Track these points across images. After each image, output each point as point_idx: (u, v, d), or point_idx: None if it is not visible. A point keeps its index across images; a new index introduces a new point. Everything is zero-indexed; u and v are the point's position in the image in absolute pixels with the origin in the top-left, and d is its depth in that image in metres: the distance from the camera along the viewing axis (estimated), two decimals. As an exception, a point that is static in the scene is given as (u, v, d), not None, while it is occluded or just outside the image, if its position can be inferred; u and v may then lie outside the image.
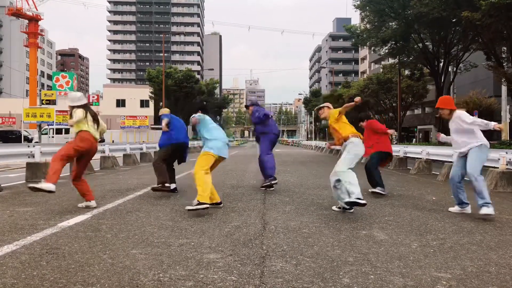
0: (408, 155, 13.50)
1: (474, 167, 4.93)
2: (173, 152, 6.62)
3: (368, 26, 24.16)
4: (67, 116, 25.50)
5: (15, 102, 50.06)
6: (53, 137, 28.44)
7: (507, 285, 2.64)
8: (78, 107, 5.33)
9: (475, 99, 27.86)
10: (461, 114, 5.11)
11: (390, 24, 22.82)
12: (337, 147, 5.91)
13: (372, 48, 26.46)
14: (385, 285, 2.59)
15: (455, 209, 5.29)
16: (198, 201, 4.82)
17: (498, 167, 7.91)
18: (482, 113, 26.02)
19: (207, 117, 5.46)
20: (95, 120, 5.46)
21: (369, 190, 6.87)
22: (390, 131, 7.13)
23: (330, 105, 5.78)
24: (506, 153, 7.97)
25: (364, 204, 4.81)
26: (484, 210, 4.78)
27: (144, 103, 59.61)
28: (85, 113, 5.31)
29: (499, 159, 7.91)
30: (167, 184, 6.28)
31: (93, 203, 5.32)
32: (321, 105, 5.79)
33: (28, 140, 29.25)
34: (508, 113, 24.38)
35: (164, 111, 7.00)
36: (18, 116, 35.14)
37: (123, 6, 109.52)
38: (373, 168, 6.86)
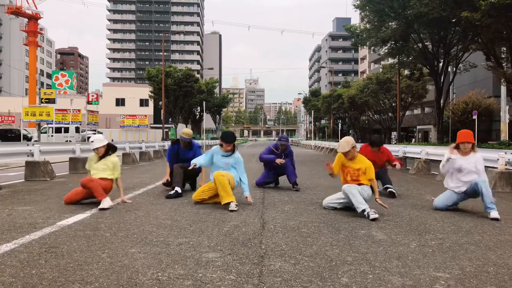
0: (407, 155, 13.51)
1: (482, 174, 5.16)
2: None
3: (367, 26, 24.13)
4: (67, 115, 25.52)
5: (15, 101, 50.07)
6: (52, 136, 28.41)
7: (505, 285, 2.64)
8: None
9: (474, 99, 27.87)
10: (480, 156, 5.22)
11: (390, 24, 22.80)
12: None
13: (372, 48, 26.46)
14: (383, 285, 2.59)
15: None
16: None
17: (497, 167, 7.92)
18: (481, 113, 26.05)
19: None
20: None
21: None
22: (398, 167, 6.94)
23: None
24: (505, 153, 7.98)
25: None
26: (495, 213, 4.91)
27: (143, 102, 59.64)
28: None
29: (498, 159, 7.92)
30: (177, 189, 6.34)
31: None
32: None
33: (27, 139, 29.24)
34: (507, 114, 24.39)
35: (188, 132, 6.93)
36: (17, 115, 35.13)
37: (123, 5, 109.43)
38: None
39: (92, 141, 5.66)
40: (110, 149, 5.76)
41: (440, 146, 13.30)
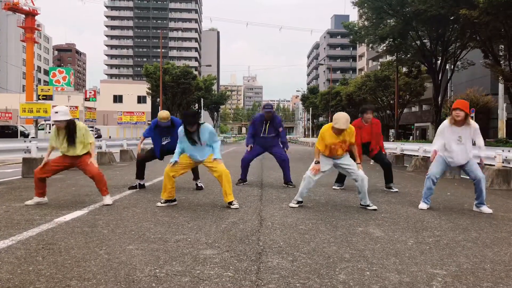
0: (405, 152, 13.54)
1: (479, 171, 5.20)
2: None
3: (366, 23, 24.14)
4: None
5: (12, 97, 49.84)
6: (49, 132, 28.33)
7: (501, 282, 2.65)
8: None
9: (472, 97, 27.95)
10: (476, 125, 5.19)
11: (388, 21, 22.80)
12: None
13: (370, 45, 26.46)
14: (381, 281, 2.60)
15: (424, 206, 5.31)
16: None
17: (494, 165, 7.95)
18: (479, 111, 26.13)
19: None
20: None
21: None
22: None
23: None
24: (503, 151, 8.01)
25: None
26: (487, 209, 5.09)
27: (141, 99, 59.49)
28: None
29: (495, 157, 7.94)
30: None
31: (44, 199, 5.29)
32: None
33: (25, 135, 29.15)
34: (505, 111, 24.46)
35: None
36: (14, 111, 35.00)
37: (120, 1, 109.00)
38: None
39: (56, 112, 5.09)
40: (71, 126, 5.16)
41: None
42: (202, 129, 5.24)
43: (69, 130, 5.13)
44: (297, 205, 5.26)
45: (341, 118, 4.99)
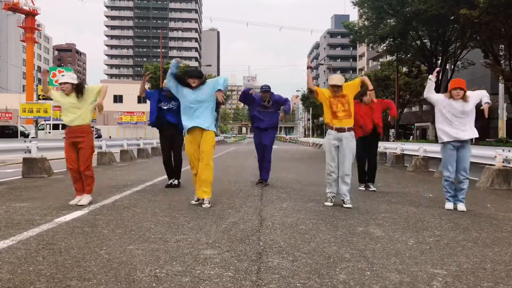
0: (405, 152, 13.53)
1: (468, 165, 5.18)
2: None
3: (366, 23, 24.15)
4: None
5: (12, 97, 49.80)
6: (49, 132, 28.35)
7: (502, 282, 2.65)
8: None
9: (472, 97, 27.89)
10: (473, 92, 5.19)
11: (388, 21, 22.81)
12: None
13: (370, 45, 26.47)
14: (381, 281, 2.60)
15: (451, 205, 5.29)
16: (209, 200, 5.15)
17: (494, 165, 7.94)
18: (479, 111, 26.09)
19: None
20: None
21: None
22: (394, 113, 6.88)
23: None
24: (503, 150, 8.00)
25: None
26: (463, 207, 5.15)
27: (141, 99, 59.29)
28: None
29: (495, 156, 7.93)
30: None
31: None
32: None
33: (25, 135, 29.14)
34: (505, 111, 24.45)
35: None
36: (14, 111, 34.97)
37: (120, 1, 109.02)
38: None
39: (63, 75, 5.13)
40: (79, 89, 5.14)
41: (438, 144, 13.33)
42: (205, 84, 5.14)
43: (77, 90, 5.14)
44: (331, 204, 5.34)
45: (335, 76, 5.28)
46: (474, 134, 5.17)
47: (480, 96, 5.17)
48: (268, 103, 7.05)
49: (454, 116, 5.13)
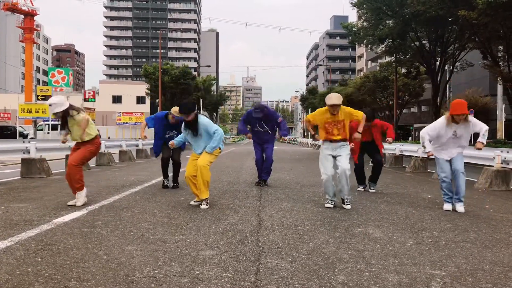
0: (404, 153, 13.54)
1: (462, 165, 5.28)
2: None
3: (365, 24, 24.14)
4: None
5: (11, 98, 49.66)
6: (48, 133, 28.31)
7: (500, 283, 2.65)
8: (75, 110, 5.25)
9: (471, 98, 27.96)
10: (474, 119, 5.25)
11: (387, 22, 22.81)
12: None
13: (369, 46, 26.49)
14: (380, 282, 2.60)
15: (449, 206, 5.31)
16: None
17: (493, 166, 7.95)
18: (478, 112, 26.13)
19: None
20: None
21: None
22: (389, 141, 6.97)
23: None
24: (501, 151, 8.01)
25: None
26: (462, 208, 5.18)
27: (140, 100, 59.38)
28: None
29: (494, 157, 7.95)
30: None
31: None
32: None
33: (23, 136, 29.09)
34: (504, 112, 24.49)
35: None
36: (13, 112, 34.92)
37: (119, 1, 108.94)
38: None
39: (50, 105, 5.08)
40: (70, 111, 5.16)
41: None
42: (199, 121, 5.28)
43: (63, 118, 5.21)
44: (332, 205, 5.31)
45: (333, 95, 5.26)
46: (465, 147, 5.32)
47: (480, 130, 5.21)
48: (263, 128, 7.32)
49: (451, 138, 5.24)
